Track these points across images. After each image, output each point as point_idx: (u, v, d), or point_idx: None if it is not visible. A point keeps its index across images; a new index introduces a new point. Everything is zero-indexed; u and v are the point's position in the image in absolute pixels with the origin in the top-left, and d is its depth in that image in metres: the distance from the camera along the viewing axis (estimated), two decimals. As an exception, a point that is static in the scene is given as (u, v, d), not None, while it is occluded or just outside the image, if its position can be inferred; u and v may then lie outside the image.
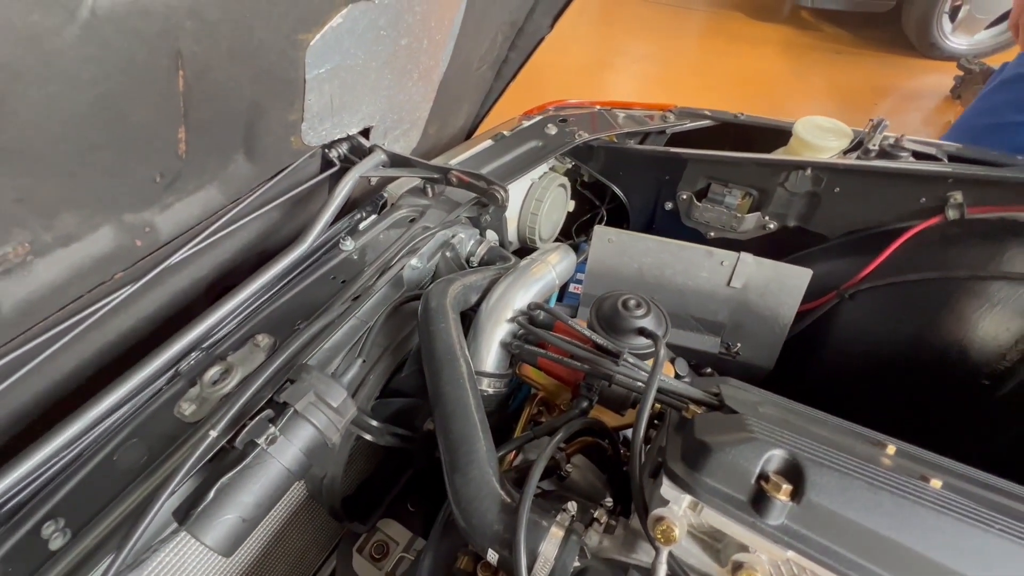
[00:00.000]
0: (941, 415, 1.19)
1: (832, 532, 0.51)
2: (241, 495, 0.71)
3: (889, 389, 1.27)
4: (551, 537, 0.61)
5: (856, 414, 0.84)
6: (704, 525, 0.56)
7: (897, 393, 1.26)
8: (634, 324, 0.85)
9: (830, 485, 0.53)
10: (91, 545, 0.70)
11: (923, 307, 1.19)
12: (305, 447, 0.77)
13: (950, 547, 0.50)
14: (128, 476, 0.78)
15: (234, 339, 0.96)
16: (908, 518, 0.51)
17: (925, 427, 1.11)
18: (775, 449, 0.56)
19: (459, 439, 0.71)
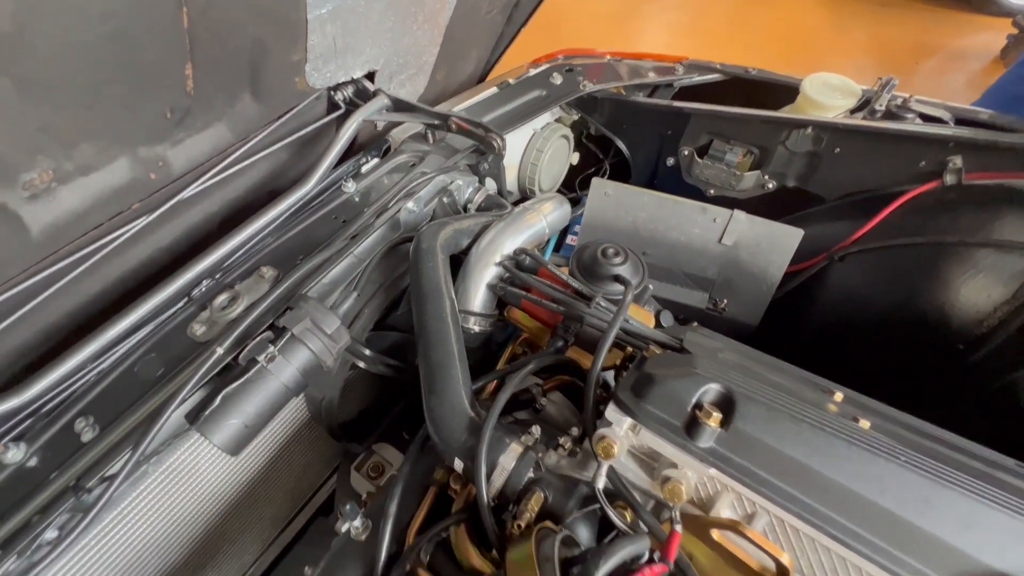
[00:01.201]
0: (916, 377, 1.23)
1: (752, 455, 0.58)
2: (243, 404, 0.80)
3: (870, 351, 1.30)
4: (510, 451, 0.69)
5: (836, 374, 0.89)
6: (643, 446, 0.63)
7: (877, 355, 1.29)
8: (611, 271, 0.90)
9: (756, 416, 0.59)
10: (116, 439, 0.81)
11: (910, 272, 1.21)
12: (301, 367, 0.86)
13: (858, 474, 0.55)
14: (147, 384, 0.87)
15: (241, 270, 1.04)
16: (823, 447, 0.57)
17: (900, 388, 1.15)
18: (712, 384, 0.62)
19: (436, 365, 0.78)
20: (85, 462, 0.79)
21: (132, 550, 0.90)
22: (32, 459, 0.81)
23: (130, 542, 0.88)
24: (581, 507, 0.66)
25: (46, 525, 0.73)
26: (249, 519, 1.22)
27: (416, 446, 0.82)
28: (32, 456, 0.81)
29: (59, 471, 0.79)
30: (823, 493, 0.55)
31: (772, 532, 0.58)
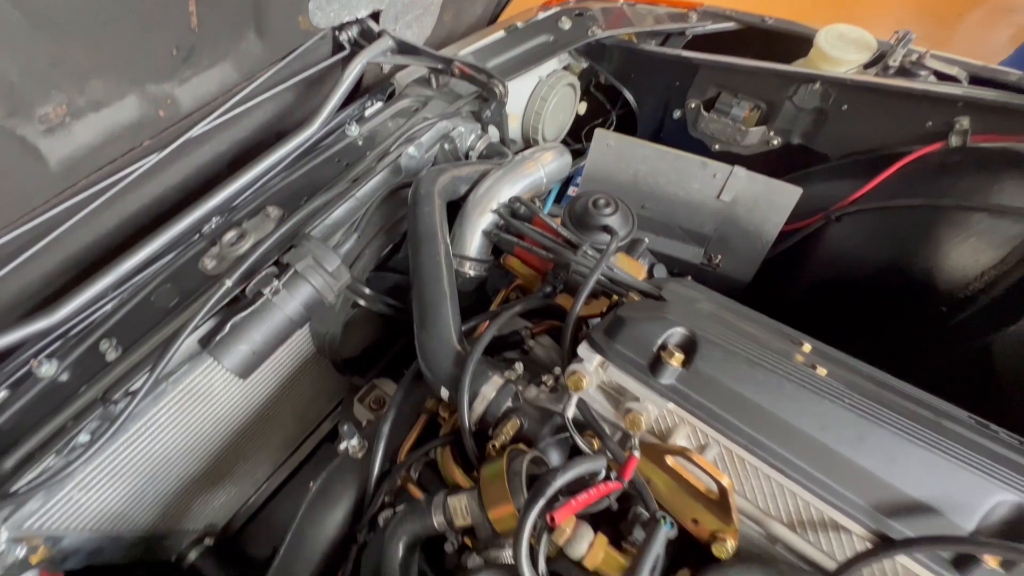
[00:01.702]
0: (899, 337, 1.27)
1: (708, 393, 0.63)
2: (251, 332, 0.87)
3: (858, 312, 1.33)
4: (492, 383, 0.75)
5: (823, 333, 0.93)
6: (611, 382, 0.69)
7: (864, 316, 1.32)
8: (600, 221, 0.93)
9: (715, 358, 0.64)
10: (137, 359, 0.89)
11: (904, 234, 1.21)
12: (304, 301, 0.92)
13: (802, 412, 0.61)
14: (163, 312, 0.94)
15: (249, 208, 1.09)
16: (773, 388, 0.62)
17: (883, 347, 1.19)
18: (678, 327, 0.66)
19: (428, 303, 0.84)
20: (111, 378, 0.87)
21: (157, 458, 1.00)
22: (63, 374, 0.90)
23: (155, 451, 0.98)
24: (554, 435, 0.72)
25: (79, 430, 0.82)
26: (262, 440, 1.33)
27: (409, 377, 0.89)
28: (63, 372, 0.90)
29: (88, 385, 0.87)
30: (768, 428, 0.61)
31: (721, 461, 0.64)
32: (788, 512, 0.62)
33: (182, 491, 1.13)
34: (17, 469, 0.80)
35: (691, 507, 0.66)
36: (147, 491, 1.03)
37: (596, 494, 0.57)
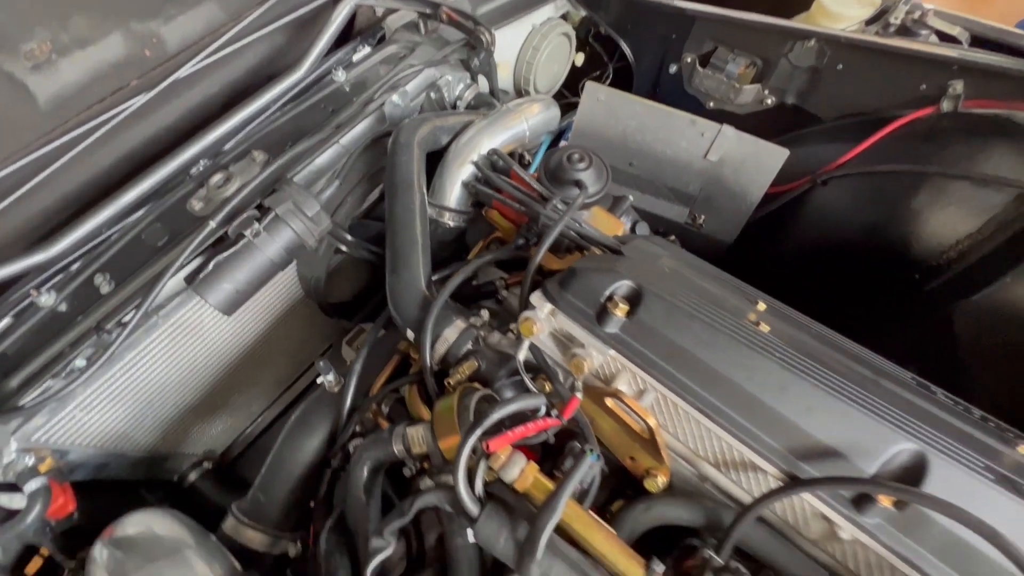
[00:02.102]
0: (871, 304, 1.29)
1: (648, 342, 0.67)
2: (233, 271, 0.92)
3: (835, 277, 1.35)
4: (454, 326, 0.80)
5: (800, 297, 0.95)
6: (561, 330, 0.73)
7: (841, 281, 1.34)
8: (573, 176, 0.95)
9: (657, 310, 0.68)
10: (128, 293, 0.95)
11: (887, 200, 1.21)
12: (285, 245, 0.96)
13: (733, 364, 0.65)
14: (153, 249, 0.99)
15: (236, 152, 1.11)
16: (708, 340, 0.66)
17: (855, 313, 1.22)
18: (625, 280, 0.69)
19: (399, 250, 0.87)
20: (104, 309, 0.93)
21: (154, 385, 1.08)
22: (62, 304, 0.96)
23: (151, 378, 1.06)
24: (509, 377, 0.77)
25: (76, 355, 0.88)
26: (255, 376, 1.41)
27: (381, 320, 0.94)
28: (62, 302, 0.96)
29: (84, 315, 0.94)
30: (700, 376, 0.65)
31: (657, 405, 0.69)
32: (714, 453, 0.67)
33: (180, 417, 1.22)
34: (22, 388, 0.88)
35: (628, 446, 0.72)
36: (146, 415, 1.12)
37: (533, 428, 0.62)
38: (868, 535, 0.58)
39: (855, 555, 0.61)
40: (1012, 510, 0.55)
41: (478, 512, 0.58)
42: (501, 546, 0.57)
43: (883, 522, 0.58)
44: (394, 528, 0.69)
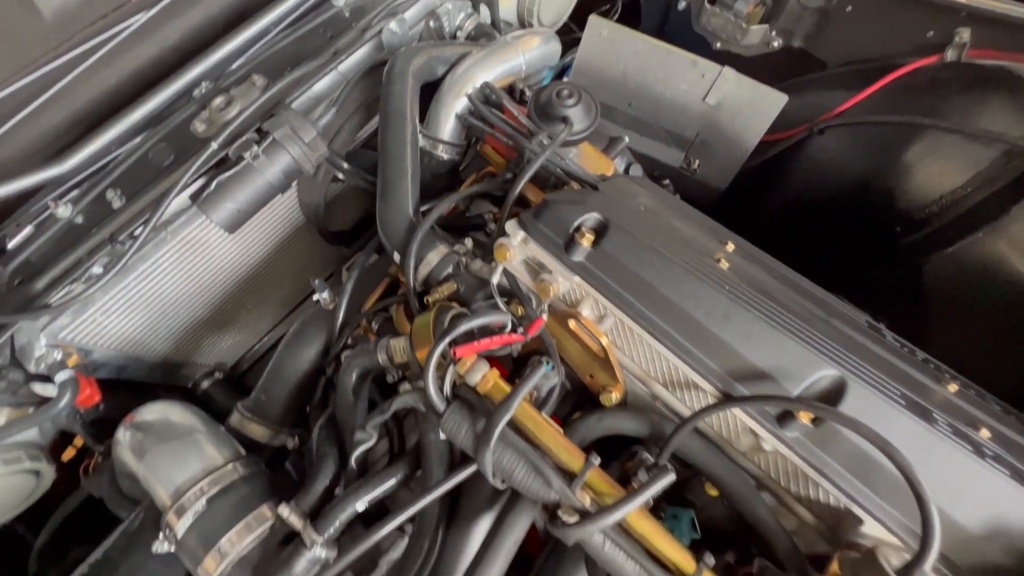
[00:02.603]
0: (851, 254, 1.32)
1: (609, 271, 0.73)
2: (235, 191, 0.97)
3: (822, 228, 1.38)
4: (437, 251, 0.86)
5: (784, 246, 0.98)
6: (533, 258, 0.78)
7: (825, 232, 1.37)
8: (560, 112, 0.97)
9: (621, 242, 0.73)
10: (139, 208, 1.01)
11: (879, 151, 1.22)
12: (283, 169, 1.01)
13: (685, 294, 0.70)
14: (159, 168, 1.05)
15: (237, 76, 1.14)
16: (664, 272, 0.71)
17: (834, 262, 1.26)
18: (594, 213, 0.74)
19: (389, 178, 0.92)
20: (117, 222, 1.00)
21: (166, 297, 1.17)
22: (78, 217, 1.03)
23: (163, 290, 1.15)
24: (485, 300, 0.84)
25: (93, 262, 0.96)
26: (261, 297, 1.50)
27: (373, 244, 1.00)
28: (78, 215, 1.03)
29: (98, 227, 1.01)
30: (654, 304, 0.71)
31: (615, 329, 0.75)
32: (663, 373, 0.74)
33: (192, 329, 1.32)
34: (47, 290, 0.97)
35: (589, 366, 0.80)
36: (160, 324, 1.22)
37: (498, 341, 0.70)
38: (787, 447, 0.66)
39: (776, 465, 0.69)
40: (915, 432, 0.63)
41: (444, 408, 0.66)
42: (462, 437, 0.65)
43: (801, 436, 0.65)
44: (376, 423, 0.78)
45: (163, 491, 0.79)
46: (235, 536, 0.73)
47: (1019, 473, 0.62)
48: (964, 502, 0.60)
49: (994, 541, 0.59)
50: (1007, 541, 0.59)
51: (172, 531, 0.75)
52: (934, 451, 0.61)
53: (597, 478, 0.63)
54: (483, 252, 0.95)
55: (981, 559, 0.60)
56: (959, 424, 0.66)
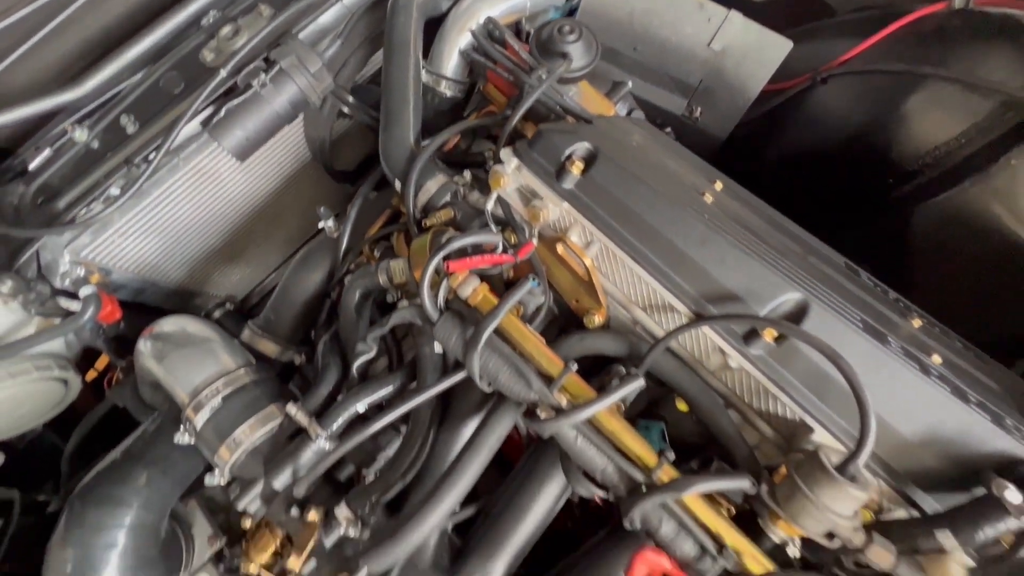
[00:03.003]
0: (844, 206, 1.35)
1: (597, 198, 0.77)
2: (243, 119, 1.01)
3: (816, 180, 1.40)
4: (436, 179, 0.90)
5: (781, 198, 1.01)
6: (526, 186, 0.83)
7: (821, 183, 1.39)
8: (561, 48, 0.98)
9: (609, 170, 0.76)
10: (151, 134, 1.05)
11: (879, 101, 1.22)
12: (289, 99, 1.04)
13: (665, 220, 0.75)
14: (170, 96, 1.08)
15: (243, 6, 1.15)
16: (647, 200, 0.75)
17: (827, 214, 1.28)
18: (584, 143, 0.78)
19: (392, 109, 0.95)
20: (131, 147, 1.05)
21: (179, 224, 1.23)
22: (94, 141, 1.07)
23: (177, 217, 1.20)
24: (480, 227, 0.89)
25: (110, 184, 1.02)
26: (270, 233, 1.55)
27: (376, 174, 1.04)
28: (94, 139, 1.07)
29: (114, 151, 1.05)
30: (637, 230, 0.75)
31: (601, 254, 0.80)
32: (643, 297, 0.79)
33: (204, 258, 1.39)
34: (67, 209, 1.02)
35: (575, 291, 0.85)
36: (175, 251, 1.28)
37: (489, 260, 0.75)
38: (752, 364, 0.71)
39: (741, 382, 0.75)
40: (866, 350, 0.68)
41: (438, 317, 0.72)
42: (453, 343, 0.72)
43: (764, 354, 0.71)
44: (376, 335, 0.85)
45: (182, 391, 0.86)
46: (247, 429, 0.81)
47: (960, 391, 0.68)
48: (904, 412, 0.66)
49: (929, 448, 0.66)
50: (940, 448, 0.65)
51: (191, 424, 0.83)
52: (882, 367, 0.67)
53: (574, 382, 0.69)
54: (481, 186, 0.99)
55: (916, 464, 0.67)
56: (912, 348, 0.72)
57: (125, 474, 0.82)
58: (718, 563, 0.62)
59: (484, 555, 0.77)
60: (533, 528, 0.78)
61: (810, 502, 0.60)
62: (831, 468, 0.60)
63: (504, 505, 0.79)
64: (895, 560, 0.60)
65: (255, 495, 0.79)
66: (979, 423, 0.65)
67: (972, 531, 0.60)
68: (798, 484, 0.61)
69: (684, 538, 0.64)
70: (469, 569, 0.77)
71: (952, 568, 0.60)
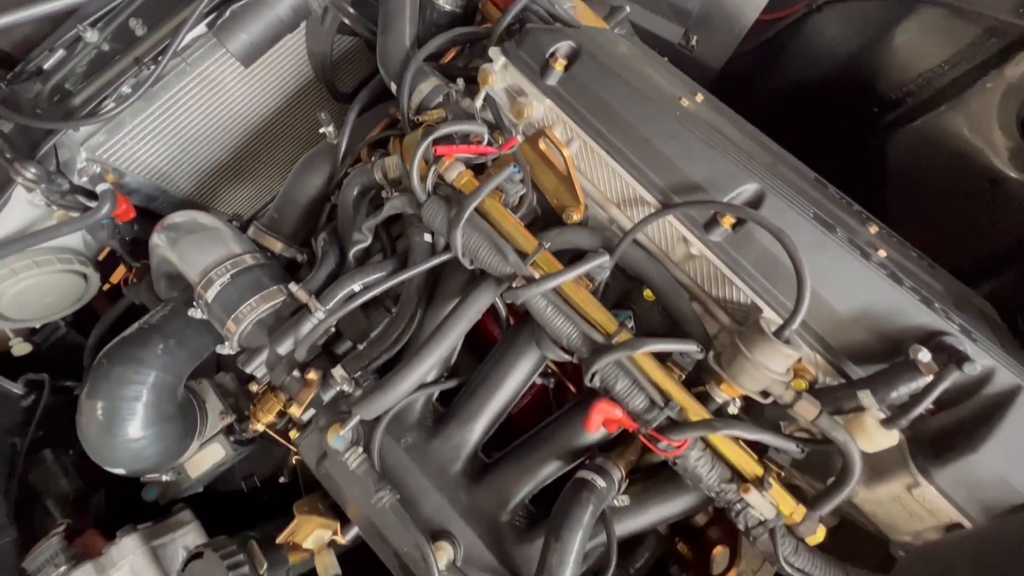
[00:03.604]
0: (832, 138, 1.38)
1: (578, 95, 0.82)
2: (247, 22, 1.05)
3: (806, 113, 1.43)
4: (429, 82, 0.95)
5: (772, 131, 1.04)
6: (514, 85, 0.88)
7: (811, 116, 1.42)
8: (555, -44, 1.01)
9: (590, 69, 0.81)
10: (160, 35, 1.09)
11: (869, 27, 1.24)
12: (292, 3, 1.08)
13: (640, 117, 0.80)
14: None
15: (247, -89, 1.17)
16: (625, 97, 0.80)
17: (816, 146, 1.32)
18: (568, 41, 0.82)
19: (389, 13, 0.99)
20: (142, 48, 1.09)
21: (187, 132, 1.28)
22: (104, 44, 1.12)
23: (184, 124, 1.26)
24: (470, 126, 0.94)
25: (122, 82, 1.07)
26: (274, 154, 1.60)
27: (375, 82, 1.09)
28: (104, 42, 1.12)
29: (123, 53, 1.10)
30: (613, 126, 0.81)
31: (580, 151, 0.86)
32: (617, 193, 0.85)
33: (211, 171, 1.45)
34: (82, 106, 1.08)
35: (556, 189, 0.91)
36: (183, 159, 1.34)
37: (475, 149, 0.81)
38: (710, 250, 0.78)
39: (702, 270, 0.82)
40: (813, 235, 0.74)
41: (426, 198, 0.79)
42: (439, 222, 0.79)
43: (722, 240, 0.78)
44: (371, 224, 0.92)
45: (193, 272, 0.95)
46: (254, 303, 0.89)
47: (896, 277, 0.75)
48: (841, 291, 0.73)
49: (861, 324, 0.73)
50: (872, 324, 0.73)
51: (203, 300, 0.91)
52: (825, 249, 0.73)
53: (546, 258, 0.77)
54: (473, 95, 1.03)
55: (850, 339, 0.74)
56: (858, 242, 0.78)
57: (146, 340, 0.92)
58: (663, 413, 0.71)
59: (464, 417, 0.87)
60: (509, 396, 0.87)
61: (749, 361, 0.68)
62: (768, 332, 0.68)
63: (483, 376, 0.88)
64: (818, 412, 0.68)
65: (261, 361, 0.88)
66: (908, 302, 0.72)
67: (888, 391, 0.68)
68: (740, 347, 0.69)
69: (637, 394, 0.73)
70: (450, 428, 0.87)
71: (867, 421, 0.68)
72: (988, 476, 0.67)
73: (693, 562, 0.93)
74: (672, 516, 0.85)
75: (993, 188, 1.09)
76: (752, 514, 0.70)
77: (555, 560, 0.71)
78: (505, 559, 0.80)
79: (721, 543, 0.89)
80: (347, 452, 0.78)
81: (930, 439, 0.71)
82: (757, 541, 0.71)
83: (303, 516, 0.84)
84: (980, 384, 0.69)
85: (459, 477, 0.85)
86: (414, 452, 0.84)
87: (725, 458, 0.72)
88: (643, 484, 0.85)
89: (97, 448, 0.89)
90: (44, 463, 1.07)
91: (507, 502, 0.85)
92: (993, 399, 0.69)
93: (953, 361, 0.65)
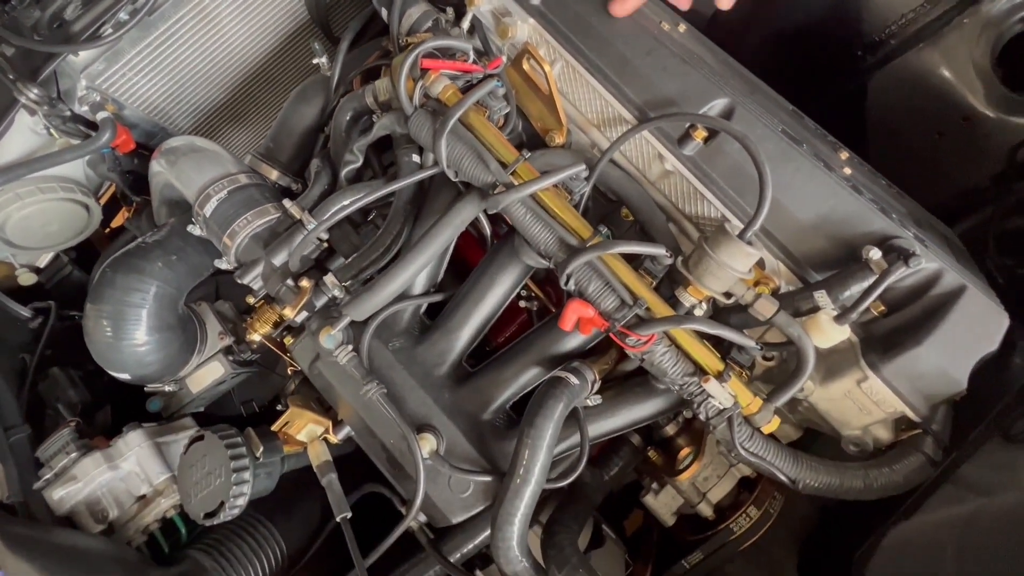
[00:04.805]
0: (819, 81, 1.40)
1: (560, 14, 0.85)
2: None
3: (793, 56, 1.44)
4: (418, 7, 0.98)
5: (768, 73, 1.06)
6: (499, 7, 0.90)
7: (797, 61, 1.43)
8: None
9: (573, -14, 0.84)
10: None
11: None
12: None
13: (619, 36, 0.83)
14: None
15: None
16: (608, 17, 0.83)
17: (804, 87, 1.34)
18: (552, -41, 0.85)
19: (379, -62, 1.01)
20: (137, -22, 1.11)
21: (185, 68, 1.31)
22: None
23: (182, 59, 1.28)
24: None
25: (119, 8, 1.09)
26: (271, 99, 1.63)
27: (367, 10, 1.11)
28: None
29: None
30: (593, 42, 0.84)
31: (563, 72, 0.89)
32: (598, 114, 0.89)
33: (209, 110, 1.48)
34: (81, 32, 1.11)
35: (540, 113, 0.95)
36: (181, 96, 1.37)
37: (460, 66, 0.85)
38: (683, 163, 0.82)
39: (676, 187, 0.87)
40: (779, 146, 0.79)
41: (412, 111, 0.83)
42: (424, 134, 0.83)
43: (694, 154, 0.82)
44: (362, 145, 0.96)
45: (191, 190, 0.99)
46: (249, 217, 0.94)
47: (857, 189, 0.79)
48: (803, 200, 0.77)
49: (822, 231, 0.78)
50: (832, 231, 0.77)
51: (201, 216, 0.96)
52: (789, 160, 0.78)
53: (525, 168, 0.81)
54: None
55: (811, 247, 0.79)
56: (823, 155, 0.82)
57: (148, 253, 0.96)
58: (632, 310, 0.75)
59: (450, 327, 0.92)
60: (493, 307, 0.93)
61: (714, 261, 0.73)
62: (733, 233, 0.73)
63: (468, 288, 0.93)
64: (776, 310, 0.73)
65: (257, 273, 0.93)
66: (867, 210, 0.77)
67: (842, 290, 0.73)
68: (705, 249, 0.74)
69: (608, 294, 0.77)
70: (436, 336, 0.92)
71: (821, 318, 0.73)
72: (930, 368, 0.72)
73: (662, 466, 0.99)
74: (642, 419, 0.90)
75: (967, 126, 1.12)
76: (712, 404, 0.76)
77: (528, 444, 0.76)
78: (485, 452, 0.86)
79: (688, 447, 0.95)
80: (338, 350, 0.83)
81: (880, 338, 0.76)
82: (716, 430, 0.77)
83: (296, 408, 0.90)
84: (928, 285, 0.74)
85: (443, 379, 0.91)
86: (401, 355, 0.89)
87: (689, 354, 0.77)
88: (615, 390, 0.91)
89: (103, 352, 0.95)
90: (53, 376, 1.13)
91: (488, 404, 0.91)
92: (940, 299, 0.74)
93: (901, 258, 0.70)
